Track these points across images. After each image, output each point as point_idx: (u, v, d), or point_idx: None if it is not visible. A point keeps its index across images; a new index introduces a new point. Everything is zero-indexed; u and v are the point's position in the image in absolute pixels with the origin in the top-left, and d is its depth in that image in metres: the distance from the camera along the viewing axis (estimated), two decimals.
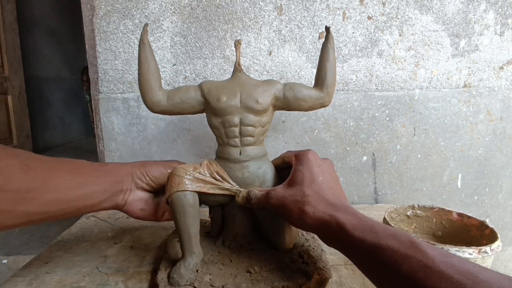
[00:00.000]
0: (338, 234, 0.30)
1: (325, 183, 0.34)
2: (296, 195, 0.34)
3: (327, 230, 0.32)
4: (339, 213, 0.31)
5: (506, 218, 0.81)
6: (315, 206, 0.32)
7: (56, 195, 0.35)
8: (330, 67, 0.44)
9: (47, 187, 0.35)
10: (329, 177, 0.36)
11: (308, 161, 0.36)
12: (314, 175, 0.35)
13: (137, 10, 0.69)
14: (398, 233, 0.28)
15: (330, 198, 0.33)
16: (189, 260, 0.39)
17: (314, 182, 0.34)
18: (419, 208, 0.51)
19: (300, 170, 0.36)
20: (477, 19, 0.73)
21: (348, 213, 0.31)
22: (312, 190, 0.33)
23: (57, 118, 3.35)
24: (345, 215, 0.30)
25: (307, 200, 0.33)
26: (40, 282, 0.42)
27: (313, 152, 0.38)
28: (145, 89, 0.42)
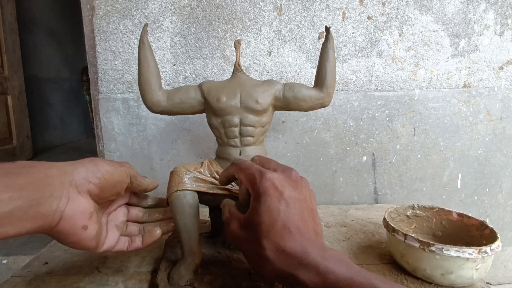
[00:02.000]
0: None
1: (287, 226, 0.29)
2: (252, 243, 0.30)
3: (288, 285, 0.29)
4: (299, 271, 0.27)
5: (506, 218, 0.81)
6: (273, 261, 0.28)
7: None
8: (330, 67, 0.44)
9: None
10: (294, 211, 0.30)
11: (267, 196, 0.30)
12: (274, 217, 0.29)
13: (137, 10, 0.69)
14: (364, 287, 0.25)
15: (291, 249, 0.28)
16: (189, 260, 0.39)
17: (273, 229, 0.29)
18: (419, 208, 0.51)
19: (257, 210, 0.30)
20: (477, 19, 0.73)
21: (310, 269, 0.27)
22: (270, 241, 0.28)
23: (57, 118, 3.35)
24: (307, 273, 0.27)
25: (264, 254, 0.28)
26: (40, 282, 0.42)
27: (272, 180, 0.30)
28: (145, 89, 0.42)
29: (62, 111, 3.45)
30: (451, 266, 0.38)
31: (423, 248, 0.38)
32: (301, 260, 0.27)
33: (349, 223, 0.62)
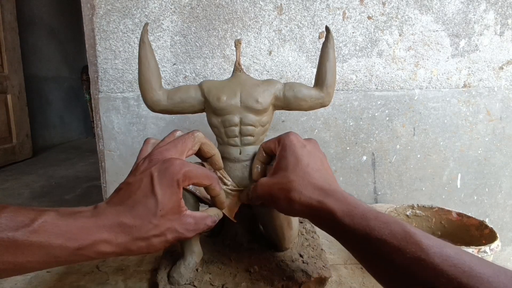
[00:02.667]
0: (328, 221, 0.29)
1: (310, 165, 0.32)
2: (281, 182, 0.32)
3: (316, 216, 0.30)
4: (328, 199, 0.29)
5: (505, 218, 0.81)
6: (302, 191, 0.30)
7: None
8: (330, 67, 0.44)
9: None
10: (315, 158, 0.34)
11: (291, 144, 0.34)
12: (299, 158, 0.33)
13: (137, 9, 0.69)
14: (391, 222, 0.26)
15: (317, 181, 0.31)
16: (189, 259, 0.39)
17: (299, 166, 0.32)
18: (419, 208, 0.51)
19: (283, 155, 0.34)
20: (477, 19, 0.73)
21: (337, 199, 0.29)
22: (297, 175, 0.31)
23: (56, 117, 3.35)
24: (335, 201, 0.29)
25: (292, 186, 0.31)
26: (40, 281, 0.42)
27: (294, 134, 0.36)
28: (145, 89, 0.42)
29: (62, 110, 3.45)
30: None
31: None
32: (328, 191, 0.30)
33: None
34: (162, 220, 0.30)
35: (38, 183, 2.01)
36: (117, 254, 0.29)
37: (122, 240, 0.28)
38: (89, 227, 0.27)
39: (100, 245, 0.27)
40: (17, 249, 0.24)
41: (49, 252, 0.26)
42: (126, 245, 0.28)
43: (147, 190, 0.29)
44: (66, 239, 0.26)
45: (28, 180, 2.07)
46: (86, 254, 0.27)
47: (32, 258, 0.25)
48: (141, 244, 0.29)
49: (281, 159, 0.34)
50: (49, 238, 0.25)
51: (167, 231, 0.30)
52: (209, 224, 0.34)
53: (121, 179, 0.75)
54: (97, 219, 0.28)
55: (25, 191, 1.87)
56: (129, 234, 0.28)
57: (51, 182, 2.03)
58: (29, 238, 0.25)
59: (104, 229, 0.28)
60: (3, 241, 0.24)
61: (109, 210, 0.29)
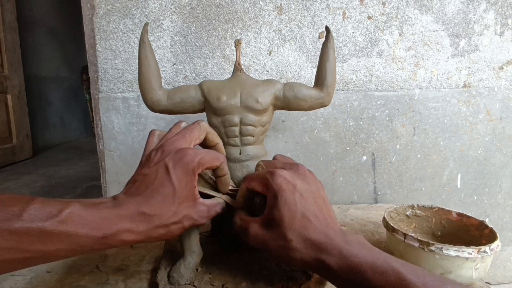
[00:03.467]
0: (326, 274, 0.30)
1: (306, 216, 0.31)
2: (278, 239, 0.31)
3: (316, 270, 0.31)
4: (324, 255, 0.29)
5: (505, 218, 0.81)
6: (301, 250, 0.30)
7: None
8: (330, 67, 0.44)
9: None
10: (309, 200, 0.32)
11: (282, 191, 0.32)
12: (292, 210, 0.31)
13: (137, 9, 0.69)
14: (386, 271, 0.27)
15: (314, 236, 0.30)
16: (189, 259, 0.39)
17: (295, 221, 0.31)
18: (419, 208, 0.51)
19: (276, 206, 0.32)
20: (477, 19, 0.73)
21: (334, 254, 0.29)
22: (294, 232, 0.30)
23: (56, 117, 3.35)
24: (331, 257, 0.29)
25: (291, 245, 0.30)
26: (40, 281, 0.42)
27: (281, 175, 0.33)
28: (145, 89, 0.42)
29: (62, 110, 3.45)
30: (451, 265, 0.38)
31: (422, 248, 0.39)
32: (325, 246, 0.30)
33: (348, 222, 0.62)
34: (179, 207, 0.31)
35: (38, 183, 2.01)
36: (138, 242, 0.31)
37: (143, 229, 0.30)
38: (112, 217, 0.29)
39: (123, 234, 0.29)
40: (47, 238, 0.26)
41: (76, 241, 0.27)
42: (147, 233, 0.30)
43: (164, 180, 0.31)
44: (91, 229, 0.28)
45: (28, 180, 2.07)
46: (109, 243, 0.29)
47: (60, 246, 0.27)
48: (161, 232, 0.31)
49: (274, 209, 0.32)
50: (76, 228, 0.27)
51: (184, 218, 0.32)
52: (218, 210, 0.36)
53: (121, 179, 0.75)
54: (118, 209, 0.29)
55: (25, 191, 1.87)
56: (150, 223, 0.30)
57: (51, 182, 2.03)
58: (57, 227, 0.26)
59: (126, 219, 0.29)
60: (33, 230, 0.25)
61: (129, 201, 0.30)
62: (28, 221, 0.25)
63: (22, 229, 0.25)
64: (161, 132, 0.38)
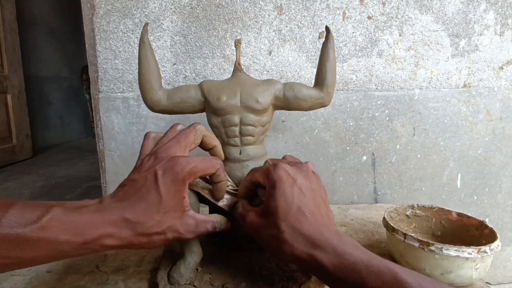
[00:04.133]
0: (319, 273, 0.29)
1: (301, 210, 0.30)
2: (271, 229, 0.31)
3: (307, 267, 0.30)
4: (318, 252, 0.29)
5: (505, 218, 0.81)
6: (292, 244, 0.30)
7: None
8: (330, 67, 0.44)
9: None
10: (307, 196, 0.32)
11: (280, 182, 0.32)
12: (289, 202, 0.31)
13: (137, 9, 0.69)
14: (381, 271, 0.26)
15: (308, 231, 0.30)
16: (189, 259, 0.39)
17: (290, 213, 0.30)
18: (419, 208, 0.51)
19: (273, 196, 0.31)
20: (477, 19, 0.73)
21: (328, 251, 0.28)
22: (287, 224, 0.30)
23: (56, 117, 3.35)
24: (325, 254, 0.28)
25: (283, 237, 0.30)
26: (40, 281, 0.42)
27: (283, 168, 0.33)
28: (145, 89, 0.42)
29: (62, 110, 3.45)
30: (451, 265, 0.38)
31: (422, 248, 0.39)
32: (318, 242, 0.29)
33: (348, 222, 0.62)
34: (164, 217, 0.30)
35: (38, 183, 2.01)
36: (119, 247, 0.30)
37: (125, 235, 0.29)
38: (94, 222, 0.28)
39: (104, 239, 0.29)
40: (26, 244, 0.25)
41: (56, 247, 0.27)
42: (129, 239, 0.30)
43: (151, 187, 0.30)
44: (72, 235, 0.27)
45: (28, 180, 2.07)
46: (91, 248, 0.28)
47: (40, 253, 0.26)
48: (143, 240, 0.30)
49: (270, 198, 0.32)
50: (56, 234, 0.26)
51: (168, 229, 0.31)
52: (209, 228, 0.34)
53: (121, 179, 0.74)
54: (102, 214, 0.29)
55: (25, 191, 1.87)
56: (132, 230, 0.30)
57: (51, 182, 2.03)
58: (37, 234, 0.25)
59: (109, 224, 0.29)
60: (12, 237, 0.25)
61: (114, 205, 0.30)
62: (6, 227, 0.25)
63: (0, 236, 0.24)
64: (157, 135, 0.37)
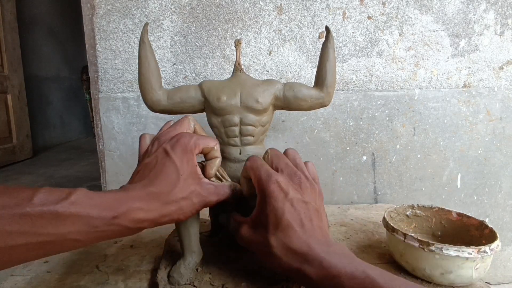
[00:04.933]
0: (306, 284, 0.30)
1: (291, 225, 0.31)
2: (261, 243, 0.32)
3: (295, 278, 0.31)
4: (305, 266, 0.29)
5: (505, 218, 0.81)
6: (281, 258, 0.31)
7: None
8: (330, 67, 0.44)
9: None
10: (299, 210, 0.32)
11: (272, 198, 0.32)
12: (278, 217, 0.31)
13: (137, 9, 0.69)
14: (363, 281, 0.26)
15: (296, 245, 0.30)
16: (189, 259, 0.39)
17: (279, 228, 0.31)
18: (419, 208, 0.51)
19: (263, 211, 0.32)
20: (477, 19, 0.73)
21: (314, 264, 0.29)
22: (276, 239, 0.31)
23: (56, 117, 3.35)
24: (311, 268, 0.29)
25: (273, 251, 0.31)
26: (40, 281, 0.42)
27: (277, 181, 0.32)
28: (145, 89, 0.42)
29: (62, 110, 3.45)
30: (451, 265, 0.38)
31: (422, 248, 0.39)
32: (306, 256, 0.30)
33: (348, 222, 0.62)
34: (185, 183, 0.32)
35: (38, 183, 2.01)
36: (152, 222, 0.31)
37: (153, 206, 0.30)
38: (121, 198, 0.30)
39: (134, 212, 0.29)
40: (58, 220, 0.26)
41: (88, 222, 0.27)
42: (159, 210, 0.31)
43: (165, 161, 0.33)
44: (102, 209, 0.28)
45: (28, 180, 2.07)
46: (122, 224, 0.29)
47: (72, 229, 0.27)
48: (172, 208, 0.32)
49: (261, 213, 0.33)
50: (86, 209, 0.27)
51: (192, 194, 0.33)
52: (227, 191, 0.36)
53: (121, 179, 0.75)
54: (127, 192, 0.30)
55: None
56: (158, 200, 0.31)
57: (51, 182, 2.03)
58: (68, 209, 0.27)
59: (136, 198, 0.30)
60: (45, 213, 0.26)
61: (135, 185, 0.32)
62: (39, 205, 0.26)
63: (34, 213, 0.25)
64: (152, 135, 0.39)
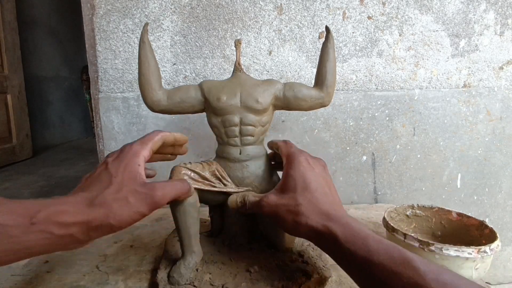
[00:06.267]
0: (331, 245, 0.30)
1: (318, 190, 0.33)
2: (289, 204, 0.33)
3: (320, 239, 0.31)
4: (332, 224, 0.30)
5: (505, 218, 0.81)
6: (308, 216, 0.31)
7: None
8: (330, 67, 0.44)
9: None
10: (323, 182, 0.35)
11: (300, 165, 0.35)
12: (307, 182, 0.34)
13: (137, 9, 0.69)
14: (390, 248, 0.27)
15: (323, 206, 0.32)
16: (189, 259, 0.39)
17: (307, 190, 0.33)
18: (419, 207, 0.51)
19: (292, 175, 0.34)
20: (477, 19, 0.73)
21: (341, 224, 0.30)
22: (305, 198, 0.32)
23: (56, 117, 3.35)
24: (338, 226, 0.30)
25: (300, 209, 0.32)
26: (40, 281, 0.42)
27: (304, 154, 0.37)
28: (146, 89, 0.42)
29: (62, 110, 3.44)
30: (451, 265, 0.38)
31: (422, 248, 0.39)
32: (333, 216, 0.31)
33: None
34: (118, 184, 0.29)
35: (38, 183, 2.01)
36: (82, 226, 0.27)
37: (80, 208, 0.27)
38: (42, 203, 0.26)
39: (58, 215, 0.26)
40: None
41: (1, 231, 0.24)
42: (86, 212, 0.27)
43: (102, 171, 0.31)
44: (18, 215, 0.25)
45: (28, 180, 2.07)
46: (45, 229, 0.25)
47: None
48: (101, 211, 0.27)
49: (289, 178, 0.35)
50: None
51: (127, 193, 0.29)
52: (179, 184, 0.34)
53: None
54: (51, 199, 0.27)
55: (25, 191, 1.87)
56: (85, 202, 0.28)
57: (51, 182, 2.03)
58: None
59: (60, 202, 0.27)
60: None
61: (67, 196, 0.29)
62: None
63: None
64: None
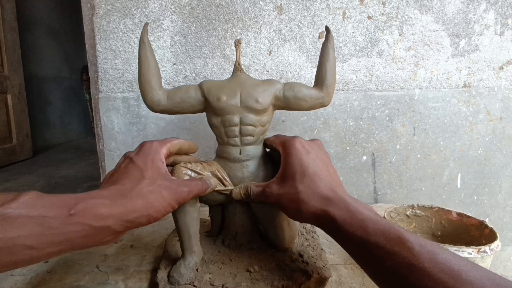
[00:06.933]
0: (330, 227, 0.32)
1: (316, 173, 0.34)
2: (289, 193, 0.34)
3: (322, 223, 0.33)
4: (331, 208, 0.31)
5: (505, 218, 0.81)
6: (309, 202, 0.33)
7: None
8: (330, 67, 0.44)
9: None
10: (320, 164, 0.35)
11: (296, 151, 0.36)
12: (304, 167, 0.34)
13: (137, 9, 0.69)
14: (387, 229, 0.28)
15: (322, 191, 0.33)
16: (189, 259, 0.39)
17: (306, 175, 0.34)
18: (419, 207, 0.51)
19: (289, 163, 0.36)
20: (477, 19, 0.73)
21: (339, 207, 0.31)
22: (304, 185, 0.33)
23: (56, 117, 3.35)
24: (337, 209, 0.31)
25: (300, 197, 0.33)
26: (40, 280, 0.42)
27: (299, 140, 0.37)
28: (145, 89, 0.42)
29: (62, 110, 3.45)
30: None
31: None
32: (332, 199, 0.32)
33: None
34: (150, 178, 0.31)
35: (38, 183, 2.01)
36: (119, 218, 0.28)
37: (118, 200, 0.28)
38: (80, 196, 0.27)
39: (96, 208, 0.26)
40: (6, 222, 0.23)
41: (41, 222, 0.24)
42: (124, 204, 0.28)
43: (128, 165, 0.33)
44: (57, 207, 0.25)
45: (28, 180, 2.07)
46: (83, 221, 0.26)
47: (22, 232, 0.23)
48: (139, 202, 0.29)
49: (287, 166, 0.36)
50: (38, 208, 0.24)
51: (160, 187, 0.31)
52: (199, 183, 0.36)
53: None
54: (86, 192, 0.28)
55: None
56: (123, 194, 0.29)
57: (51, 182, 2.03)
58: (16, 210, 0.24)
59: (97, 195, 0.28)
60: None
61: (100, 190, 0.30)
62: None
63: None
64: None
